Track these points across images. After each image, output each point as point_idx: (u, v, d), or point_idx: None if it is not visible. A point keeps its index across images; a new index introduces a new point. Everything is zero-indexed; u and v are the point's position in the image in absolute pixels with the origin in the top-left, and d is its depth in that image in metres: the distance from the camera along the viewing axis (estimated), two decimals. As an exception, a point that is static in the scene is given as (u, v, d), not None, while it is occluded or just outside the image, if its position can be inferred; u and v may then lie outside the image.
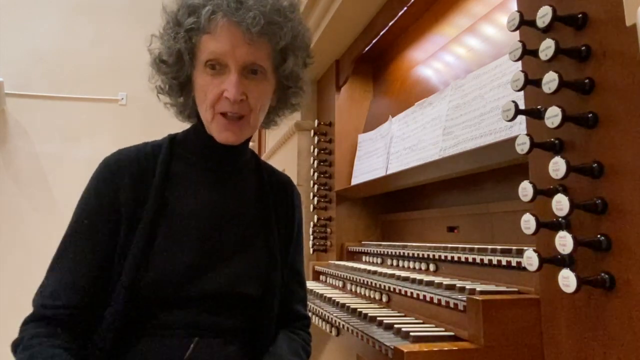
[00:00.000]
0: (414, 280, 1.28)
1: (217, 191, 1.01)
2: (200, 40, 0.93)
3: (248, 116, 0.96)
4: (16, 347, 0.87)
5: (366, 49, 2.07)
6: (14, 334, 0.91)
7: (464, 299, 0.96)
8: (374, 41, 2.01)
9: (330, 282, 1.88)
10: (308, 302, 1.61)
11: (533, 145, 0.84)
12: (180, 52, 0.95)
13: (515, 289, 1.02)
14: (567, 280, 0.74)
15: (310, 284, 1.95)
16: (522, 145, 0.85)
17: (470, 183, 1.48)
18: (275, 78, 1.01)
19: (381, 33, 1.93)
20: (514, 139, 0.88)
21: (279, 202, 1.10)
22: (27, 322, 0.90)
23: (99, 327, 0.90)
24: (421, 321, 1.15)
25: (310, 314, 1.59)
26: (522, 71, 0.86)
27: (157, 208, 0.94)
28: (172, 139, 1.04)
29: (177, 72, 0.98)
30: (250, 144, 3.79)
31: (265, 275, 1.01)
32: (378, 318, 1.16)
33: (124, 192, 0.94)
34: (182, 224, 0.95)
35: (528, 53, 0.86)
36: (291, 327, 1.09)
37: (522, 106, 0.90)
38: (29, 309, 0.93)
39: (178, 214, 0.96)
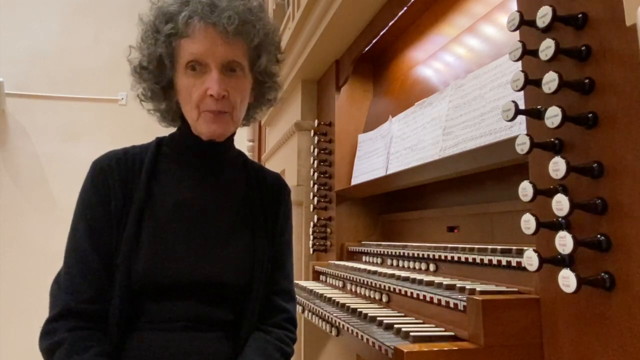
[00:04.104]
0: (414, 280, 1.28)
1: (203, 185, 1.06)
2: (179, 44, 0.98)
3: (231, 112, 1.01)
4: (53, 346, 0.90)
5: (366, 49, 2.07)
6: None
7: (464, 299, 0.96)
8: (374, 41, 2.00)
9: (330, 282, 1.88)
10: (308, 302, 1.61)
11: (533, 145, 0.84)
12: (161, 57, 0.99)
13: (515, 289, 1.02)
14: (567, 280, 0.74)
15: (310, 284, 1.95)
16: (522, 145, 0.85)
17: (470, 183, 1.48)
18: (252, 75, 1.06)
19: (381, 33, 1.93)
20: (514, 139, 0.88)
21: (266, 197, 1.13)
22: (56, 320, 0.93)
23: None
24: (421, 321, 1.15)
25: (309, 313, 1.59)
26: (522, 71, 0.86)
27: (143, 202, 0.99)
28: (160, 140, 1.10)
29: (158, 76, 1.02)
30: (250, 144, 3.79)
31: (250, 266, 1.03)
32: (378, 318, 1.16)
33: (114, 190, 0.99)
34: (168, 215, 1.00)
35: (528, 53, 0.86)
36: (267, 323, 1.07)
37: (522, 106, 0.90)
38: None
39: (164, 207, 1.01)
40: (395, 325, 1.06)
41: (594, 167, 0.76)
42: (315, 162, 2.33)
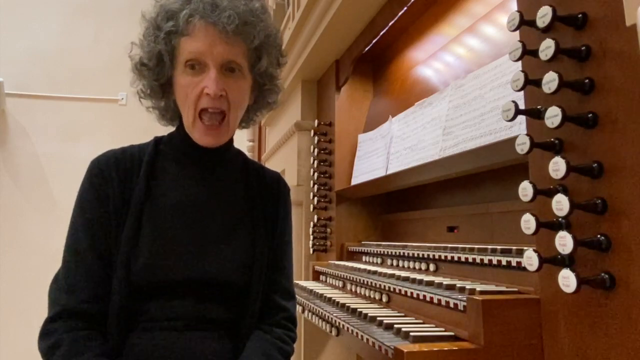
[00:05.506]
0: (414, 280, 1.28)
1: (202, 185, 1.06)
2: (179, 42, 0.99)
3: (227, 115, 1.01)
4: (52, 347, 0.90)
5: (366, 49, 2.07)
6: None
7: (464, 299, 0.96)
8: (374, 41, 2.00)
9: (330, 282, 1.88)
10: (308, 302, 1.61)
11: (533, 145, 0.84)
12: (161, 54, 1.00)
13: (515, 289, 1.02)
14: (567, 280, 0.74)
15: (310, 284, 1.95)
16: (522, 145, 0.85)
17: (470, 183, 1.48)
18: (252, 77, 1.06)
19: (381, 33, 1.93)
20: (514, 139, 0.88)
21: (265, 196, 1.13)
22: (55, 320, 0.93)
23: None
24: (421, 321, 1.15)
25: (309, 313, 1.59)
26: (522, 71, 0.86)
27: (142, 201, 0.99)
28: (158, 140, 1.10)
29: (158, 74, 1.02)
30: (250, 144, 3.79)
31: (250, 265, 1.03)
32: (378, 318, 1.16)
33: (112, 189, 0.99)
34: (168, 214, 1.00)
35: (528, 53, 0.86)
36: (267, 322, 1.07)
37: (522, 106, 0.90)
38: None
39: (163, 206, 1.01)
40: (395, 325, 1.06)
41: (594, 167, 0.76)
42: (315, 162, 2.33)
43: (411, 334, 0.98)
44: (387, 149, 1.84)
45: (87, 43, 4.30)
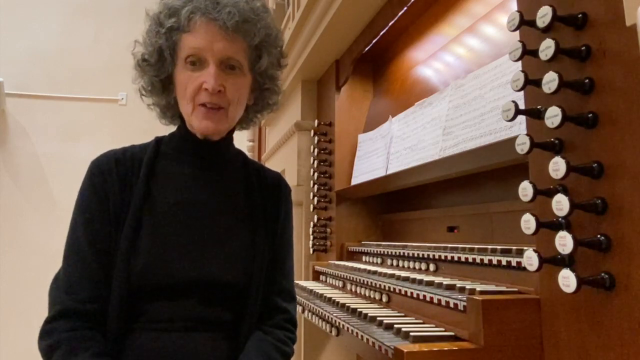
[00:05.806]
0: (414, 280, 1.28)
1: (202, 185, 1.06)
2: (180, 38, 1.00)
3: (226, 108, 1.01)
4: (52, 346, 0.90)
5: (366, 49, 2.07)
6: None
7: (464, 299, 0.96)
8: (374, 41, 2.00)
9: (330, 282, 1.88)
10: (308, 302, 1.61)
11: (533, 145, 0.84)
12: (162, 50, 1.01)
13: (515, 289, 1.02)
14: (567, 280, 0.74)
15: (310, 284, 1.95)
16: (522, 145, 0.85)
17: (470, 183, 1.48)
18: (252, 76, 1.06)
19: (381, 33, 1.93)
20: (514, 139, 0.88)
21: (266, 196, 1.13)
22: (54, 319, 0.93)
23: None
24: (421, 321, 1.15)
25: (309, 313, 1.59)
26: (522, 71, 0.86)
27: (142, 201, 0.99)
28: (159, 140, 1.10)
29: (158, 70, 1.03)
30: (250, 144, 3.77)
31: (250, 266, 1.03)
32: (378, 318, 1.16)
33: (112, 189, 0.99)
34: (167, 214, 1.00)
35: (528, 53, 0.86)
36: (268, 324, 1.06)
37: (522, 106, 0.90)
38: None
39: (163, 206, 1.01)
40: (395, 325, 1.06)
41: (594, 167, 0.76)
42: (315, 162, 2.33)
43: (411, 334, 0.98)
44: (387, 149, 1.84)
45: (87, 43, 4.30)
